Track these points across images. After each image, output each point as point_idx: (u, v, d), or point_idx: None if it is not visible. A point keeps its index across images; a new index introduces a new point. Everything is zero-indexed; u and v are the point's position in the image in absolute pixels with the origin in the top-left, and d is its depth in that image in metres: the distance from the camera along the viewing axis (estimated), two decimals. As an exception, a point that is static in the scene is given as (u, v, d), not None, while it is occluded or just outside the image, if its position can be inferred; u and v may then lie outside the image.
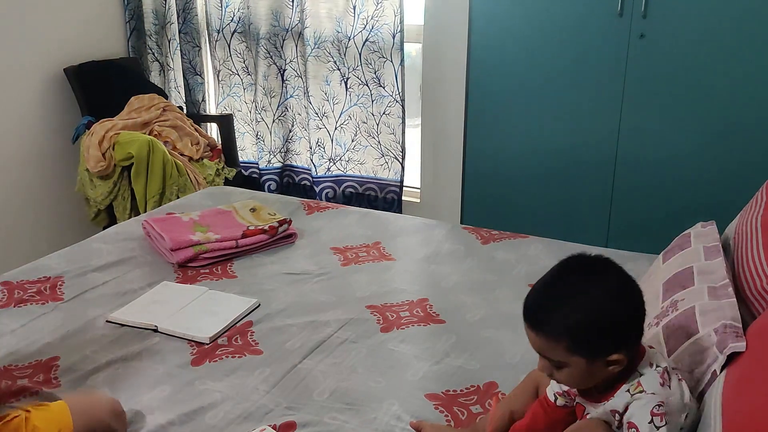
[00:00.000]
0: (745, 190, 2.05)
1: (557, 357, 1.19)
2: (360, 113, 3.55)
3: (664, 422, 1.13)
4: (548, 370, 1.22)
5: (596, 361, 1.17)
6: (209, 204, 2.69)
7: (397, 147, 3.51)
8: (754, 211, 1.68)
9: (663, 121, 2.88)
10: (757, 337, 1.25)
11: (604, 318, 1.16)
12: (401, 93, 3.41)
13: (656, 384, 1.17)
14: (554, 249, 2.31)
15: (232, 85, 3.79)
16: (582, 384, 1.24)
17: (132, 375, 1.64)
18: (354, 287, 2.08)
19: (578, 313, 1.16)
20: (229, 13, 3.65)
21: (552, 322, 1.18)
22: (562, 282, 1.22)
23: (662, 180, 2.94)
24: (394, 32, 3.32)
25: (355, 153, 3.63)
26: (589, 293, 1.17)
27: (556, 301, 1.19)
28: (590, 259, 1.23)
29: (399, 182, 3.57)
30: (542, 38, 3.01)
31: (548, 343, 1.19)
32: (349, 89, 3.52)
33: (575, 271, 1.22)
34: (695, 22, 2.72)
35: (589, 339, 1.15)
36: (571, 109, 3.04)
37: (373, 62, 3.42)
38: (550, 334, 1.18)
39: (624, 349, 1.17)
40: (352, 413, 1.50)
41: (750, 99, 2.72)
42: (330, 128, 3.61)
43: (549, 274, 1.24)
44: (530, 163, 3.19)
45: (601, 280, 1.19)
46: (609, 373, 1.18)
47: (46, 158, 3.44)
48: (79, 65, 3.44)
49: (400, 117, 3.45)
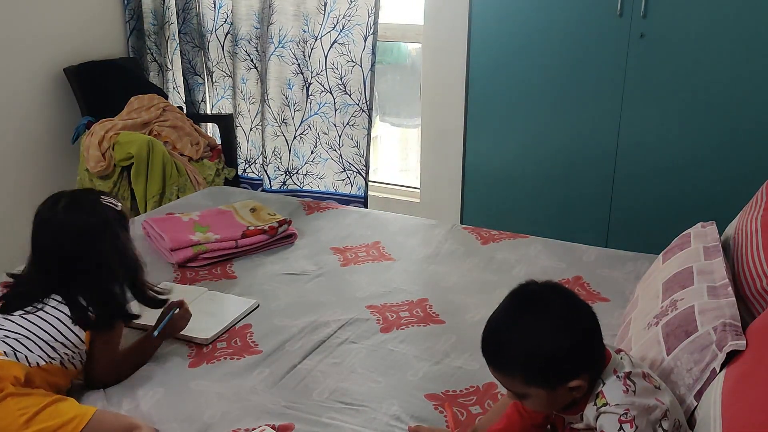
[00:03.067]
0: (745, 190, 2.05)
1: (517, 390, 1.21)
2: (321, 123, 3.31)
3: (634, 427, 1.14)
4: (514, 398, 1.25)
5: (557, 389, 1.18)
6: (209, 204, 2.69)
7: (361, 161, 3.29)
8: (754, 211, 1.68)
9: (663, 120, 2.88)
10: (757, 337, 1.25)
11: (553, 349, 1.16)
12: (368, 102, 3.19)
13: (619, 393, 1.17)
14: (554, 249, 2.31)
15: (225, 87, 3.74)
16: (549, 409, 1.26)
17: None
18: (354, 287, 2.08)
19: (526, 347, 1.17)
20: (221, 15, 3.55)
21: (504, 358, 1.20)
22: (510, 316, 1.23)
23: (662, 180, 2.94)
24: (366, 34, 3.13)
25: (314, 166, 3.39)
26: (534, 327, 1.18)
27: (504, 336, 1.21)
28: (536, 290, 1.23)
29: (363, 198, 3.38)
30: (542, 38, 3.01)
31: (505, 378, 1.22)
32: (311, 96, 3.28)
33: (522, 304, 1.23)
34: (695, 22, 2.72)
35: (541, 371, 1.17)
36: (571, 109, 3.04)
37: (340, 67, 3.21)
38: (504, 369, 1.21)
39: (583, 373, 1.17)
40: (351, 413, 1.50)
41: (750, 99, 2.71)
42: (289, 137, 3.38)
43: (499, 308, 1.25)
44: (530, 163, 3.19)
45: (545, 312, 1.20)
46: (573, 396, 1.20)
47: (46, 158, 3.44)
48: (79, 65, 3.44)
49: (366, 128, 3.22)
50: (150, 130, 3.39)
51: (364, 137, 3.28)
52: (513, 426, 1.36)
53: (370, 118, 3.24)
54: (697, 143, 2.84)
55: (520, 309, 1.23)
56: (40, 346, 1.48)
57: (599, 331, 1.21)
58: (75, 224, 1.53)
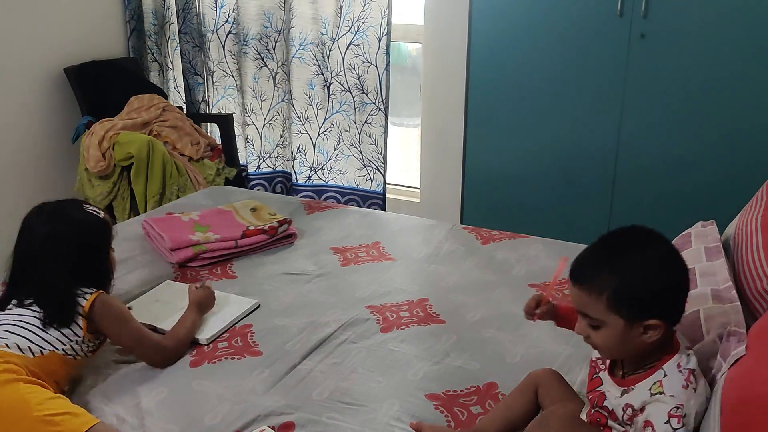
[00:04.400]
0: (745, 190, 2.05)
1: (597, 314, 1.20)
2: (342, 121, 3.44)
3: (681, 424, 1.13)
4: (585, 331, 1.24)
5: (634, 325, 1.18)
6: (209, 204, 2.69)
7: (379, 158, 3.40)
8: (754, 211, 1.68)
9: (663, 120, 2.88)
10: (758, 339, 1.24)
11: (650, 281, 1.17)
12: (384, 100, 3.29)
13: (678, 387, 1.17)
14: (554, 249, 2.31)
15: (226, 87, 3.76)
16: (615, 350, 1.24)
17: (130, 376, 1.64)
18: (354, 287, 2.08)
19: (625, 271, 1.18)
20: (223, 14, 3.59)
21: (597, 277, 1.19)
22: (615, 243, 1.24)
23: (662, 179, 2.94)
24: (381, 35, 3.22)
25: (338, 162, 3.53)
26: (638, 255, 1.20)
27: (605, 258, 1.22)
28: (644, 229, 1.25)
29: (382, 195, 3.48)
30: (542, 38, 3.01)
31: (590, 298, 1.20)
32: (332, 95, 3.41)
33: (628, 237, 1.25)
34: (695, 22, 2.72)
35: (631, 298, 1.17)
36: (571, 109, 3.04)
37: (357, 67, 3.31)
38: (594, 287, 1.19)
39: (662, 318, 1.17)
40: (351, 413, 1.50)
41: (750, 99, 2.71)
42: (312, 134, 3.52)
43: (602, 237, 1.26)
44: (530, 163, 3.19)
45: (652, 246, 1.22)
46: (643, 343, 1.19)
47: (46, 158, 3.44)
48: (79, 65, 3.44)
49: (383, 126, 3.33)
50: (150, 130, 3.39)
51: (381, 135, 3.38)
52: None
53: (387, 117, 3.33)
54: (697, 143, 2.84)
55: (629, 238, 1.24)
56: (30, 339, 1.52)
57: (687, 292, 1.22)
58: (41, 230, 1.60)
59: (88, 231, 1.62)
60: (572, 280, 1.24)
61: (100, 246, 1.66)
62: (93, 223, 1.64)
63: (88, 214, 1.64)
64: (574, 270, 1.24)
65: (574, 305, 1.25)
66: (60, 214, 1.62)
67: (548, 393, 1.42)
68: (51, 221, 1.60)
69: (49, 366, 1.51)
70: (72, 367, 1.58)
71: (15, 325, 1.53)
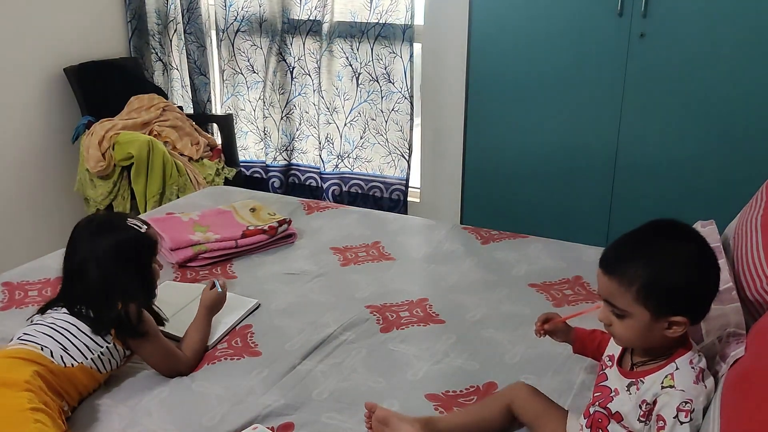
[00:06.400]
0: (745, 189, 2.05)
1: (623, 305, 1.20)
2: (369, 110, 3.55)
3: (689, 419, 1.14)
4: (608, 320, 1.24)
5: (659, 320, 1.18)
6: (209, 204, 2.69)
7: (404, 144, 3.50)
8: (753, 211, 1.67)
9: (663, 120, 2.88)
10: (757, 339, 1.24)
11: (681, 277, 1.17)
12: (410, 90, 3.41)
13: (689, 381, 1.18)
14: (554, 249, 2.31)
15: (236, 84, 3.79)
16: (636, 341, 1.24)
17: (130, 376, 1.64)
18: (354, 287, 2.08)
19: (656, 265, 1.18)
20: (233, 12, 3.64)
21: (629, 268, 1.19)
22: (648, 237, 1.24)
23: (662, 179, 2.94)
24: (405, 28, 3.33)
25: (363, 150, 3.62)
26: (671, 251, 1.20)
27: (637, 251, 1.22)
28: (679, 224, 1.25)
29: (404, 180, 3.55)
30: (542, 38, 3.01)
31: (619, 288, 1.20)
32: (360, 85, 3.52)
33: (662, 230, 1.25)
34: (695, 22, 2.72)
35: (661, 292, 1.17)
36: (571, 108, 3.04)
37: (384, 58, 3.43)
38: (624, 278, 1.19)
39: (688, 315, 1.18)
40: (351, 413, 1.50)
41: (750, 98, 2.71)
42: (339, 124, 3.62)
43: (635, 229, 1.26)
44: (530, 163, 3.19)
45: (685, 243, 1.22)
46: (664, 337, 1.19)
47: (46, 158, 3.44)
48: (79, 65, 3.44)
49: (409, 114, 3.45)
50: (150, 130, 3.39)
51: (408, 122, 3.47)
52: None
53: (412, 105, 3.44)
54: (697, 143, 2.84)
55: (663, 234, 1.24)
56: (66, 348, 1.52)
57: (717, 292, 1.23)
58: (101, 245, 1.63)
59: (128, 246, 1.66)
60: (602, 268, 1.24)
61: (139, 260, 1.69)
62: (133, 239, 1.67)
63: (130, 229, 1.68)
64: (604, 258, 1.24)
65: (600, 292, 1.25)
66: (108, 226, 1.68)
67: (528, 406, 1.40)
68: (98, 233, 1.65)
69: (74, 376, 1.51)
70: (95, 380, 1.57)
71: (52, 329, 1.54)
